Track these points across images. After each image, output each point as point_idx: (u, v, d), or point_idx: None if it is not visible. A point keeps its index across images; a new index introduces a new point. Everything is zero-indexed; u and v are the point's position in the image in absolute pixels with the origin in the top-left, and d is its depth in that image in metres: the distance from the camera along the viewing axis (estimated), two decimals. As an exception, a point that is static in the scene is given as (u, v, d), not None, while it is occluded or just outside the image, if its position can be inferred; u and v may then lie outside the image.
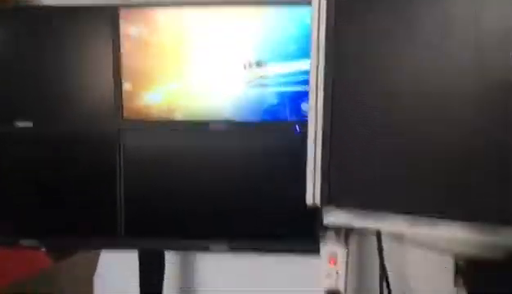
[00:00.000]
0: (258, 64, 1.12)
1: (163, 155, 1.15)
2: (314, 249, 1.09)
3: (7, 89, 1.17)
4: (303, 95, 1.10)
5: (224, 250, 1.14)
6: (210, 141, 1.14)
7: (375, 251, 1.13)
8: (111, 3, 1.13)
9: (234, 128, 1.13)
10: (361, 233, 1.16)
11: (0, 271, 1.29)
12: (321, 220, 1.05)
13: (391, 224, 0.92)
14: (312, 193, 1.01)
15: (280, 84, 1.12)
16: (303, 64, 1.09)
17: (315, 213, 1.04)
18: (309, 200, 1.01)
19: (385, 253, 1.13)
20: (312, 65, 0.97)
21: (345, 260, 1.08)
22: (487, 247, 0.85)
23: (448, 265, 1.05)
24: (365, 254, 1.18)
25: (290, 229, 1.13)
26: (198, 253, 1.31)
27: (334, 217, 1.00)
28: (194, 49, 1.12)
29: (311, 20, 0.92)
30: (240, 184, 1.14)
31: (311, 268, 1.13)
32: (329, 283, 1.13)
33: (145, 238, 1.17)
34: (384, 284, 1.13)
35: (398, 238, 1.12)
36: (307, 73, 0.97)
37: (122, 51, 1.13)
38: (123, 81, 1.13)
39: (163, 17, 1.12)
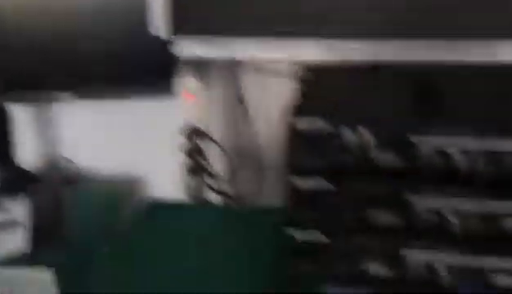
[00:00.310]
0: None
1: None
2: (169, 90, 1.04)
3: None
4: None
5: (73, 98, 1.06)
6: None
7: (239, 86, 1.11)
8: None
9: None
10: (222, 67, 1.13)
11: None
12: (174, 57, 1.00)
13: (242, 49, 0.91)
14: (162, 24, 0.96)
15: None
16: None
17: (167, 51, 0.99)
18: (160, 33, 0.97)
19: (246, 87, 1.13)
20: None
21: (202, 95, 1.06)
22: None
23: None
24: (228, 89, 1.17)
25: (143, 72, 1.07)
26: (54, 105, 1.20)
27: (185, 49, 0.97)
28: None
29: None
30: (85, 25, 1.04)
31: (169, 109, 1.10)
32: (188, 121, 1.12)
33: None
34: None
35: (256, 68, 1.11)
36: None
37: None
38: None
39: None
